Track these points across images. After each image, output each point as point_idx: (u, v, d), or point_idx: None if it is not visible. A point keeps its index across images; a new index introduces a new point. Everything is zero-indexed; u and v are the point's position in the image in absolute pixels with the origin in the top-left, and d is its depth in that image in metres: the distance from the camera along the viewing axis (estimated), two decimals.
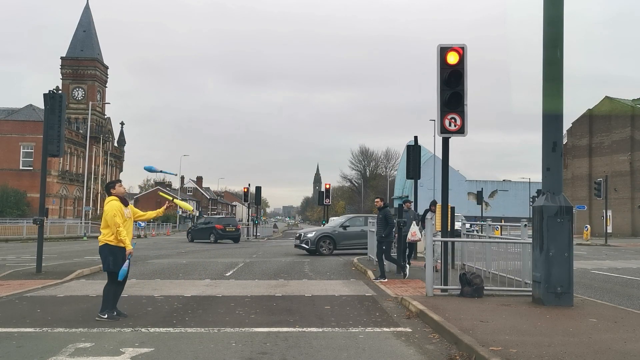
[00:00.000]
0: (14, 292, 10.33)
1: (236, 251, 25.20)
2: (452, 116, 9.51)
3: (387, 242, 13.01)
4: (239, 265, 16.82)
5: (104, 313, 7.66)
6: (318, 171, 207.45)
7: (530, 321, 7.15)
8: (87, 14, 67.93)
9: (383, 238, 12.91)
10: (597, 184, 36.19)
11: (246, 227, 46.88)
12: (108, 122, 70.26)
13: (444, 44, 9.59)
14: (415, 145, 18.61)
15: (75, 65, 64.98)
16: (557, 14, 8.57)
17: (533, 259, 8.70)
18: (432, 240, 9.54)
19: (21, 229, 37.57)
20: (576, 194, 53.62)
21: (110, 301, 7.78)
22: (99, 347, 6.10)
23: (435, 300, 8.89)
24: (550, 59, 8.59)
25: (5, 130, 54.30)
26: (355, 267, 16.13)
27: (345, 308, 8.86)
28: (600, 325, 7.02)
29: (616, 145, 52.18)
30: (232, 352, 5.92)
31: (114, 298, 7.85)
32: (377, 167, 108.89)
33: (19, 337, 6.59)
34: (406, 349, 6.12)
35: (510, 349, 5.53)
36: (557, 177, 8.61)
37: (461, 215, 30.44)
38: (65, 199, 58.64)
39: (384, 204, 13.36)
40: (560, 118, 8.72)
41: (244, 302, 9.36)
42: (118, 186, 8.11)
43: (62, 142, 13.83)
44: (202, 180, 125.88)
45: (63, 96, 14.30)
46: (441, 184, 10.04)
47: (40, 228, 13.64)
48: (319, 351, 5.97)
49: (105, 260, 7.78)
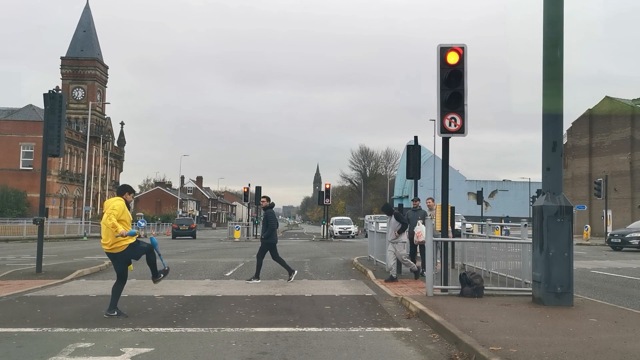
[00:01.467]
0: (14, 292, 10.34)
1: (236, 251, 25.20)
2: (452, 116, 9.52)
3: (266, 244, 12.45)
4: (239, 265, 16.83)
5: (112, 311, 7.80)
6: (318, 171, 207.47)
7: (530, 321, 7.16)
8: (87, 13, 67.90)
9: (263, 240, 12.52)
10: (597, 184, 36.19)
11: (246, 227, 46.87)
12: (108, 122, 70.23)
13: (444, 44, 9.59)
14: (415, 145, 18.59)
15: (75, 65, 64.94)
16: (557, 14, 8.57)
17: (533, 259, 8.70)
18: (433, 239, 9.54)
19: (21, 229, 37.57)
20: (576, 194, 53.60)
21: (116, 299, 7.96)
22: (99, 347, 6.11)
23: (436, 300, 8.89)
24: (550, 59, 8.59)
25: (5, 130, 54.28)
26: (355, 267, 16.14)
27: (345, 308, 8.86)
28: (600, 325, 7.02)
29: (616, 145, 52.15)
30: (232, 352, 5.92)
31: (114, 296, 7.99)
32: (377, 167, 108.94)
33: (19, 337, 6.59)
34: (406, 349, 6.12)
35: (511, 349, 5.53)
36: (557, 177, 8.62)
37: (461, 215, 30.44)
38: (65, 199, 58.61)
39: (269, 204, 12.76)
40: (560, 118, 8.72)
41: (244, 302, 9.37)
42: (128, 195, 8.26)
43: (62, 142, 13.83)
44: (202, 180, 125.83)
45: (63, 96, 14.30)
46: (441, 184, 10.03)
47: (40, 228, 13.64)
48: (319, 351, 5.97)
49: (133, 254, 8.02)
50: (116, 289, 8.03)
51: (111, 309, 7.88)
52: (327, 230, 43.52)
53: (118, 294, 8.03)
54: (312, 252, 24.15)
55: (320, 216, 71.84)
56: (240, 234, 42.85)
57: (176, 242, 36.85)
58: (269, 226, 12.43)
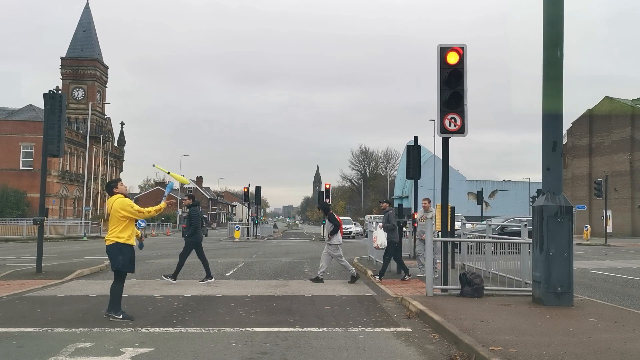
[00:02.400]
0: (14, 292, 10.34)
1: (236, 251, 25.19)
2: (452, 116, 9.52)
3: (189, 243, 12.25)
4: (239, 265, 16.83)
5: (119, 313, 7.68)
6: (318, 171, 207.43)
7: (530, 321, 7.15)
8: (87, 14, 67.94)
9: (186, 238, 12.40)
10: (597, 184, 36.18)
11: (246, 227, 46.88)
12: (108, 122, 70.26)
13: (444, 44, 9.59)
14: (415, 145, 18.62)
15: (75, 65, 64.99)
16: (557, 14, 8.57)
17: (533, 259, 8.70)
18: (432, 239, 9.54)
19: (21, 229, 37.56)
20: (576, 194, 53.63)
21: (119, 300, 7.83)
22: (99, 347, 6.10)
23: (436, 300, 8.89)
24: (550, 59, 8.59)
25: (5, 130, 54.30)
26: (355, 267, 16.13)
27: (345, 308, 8.86)
28: (600, 325, 7.02)
29: (616, 145, 52.18)
30: (232, 352, 5.92)
31: (117, 296, 7.84)
32: (377, 167, 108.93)
33: (19, 337, 6.59)
34: (406, 349, 6.12)
35: (510, 349, 5.53)
36: (557, 177, 8.62)
37: (461, 215, 30.43)
38: (65, 199, 58.63)
39: (192, 202, 12.63)
40: (560, 118, 8.72)
41: (244, 302, 9.37)
42: (120, 185, 8.12)
43: (62, 142, 13.84)
44: (202, 180, 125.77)
45: (63, 96, 14.30)
46: (441, 184, 10.03)
47: (40, 228, 13.64)
48: (319, 351, 5.97)
49: (115, 259, 7.77)
50: (115, 288, 7.94)
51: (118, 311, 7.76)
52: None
53: (120, 294, 7.89)
54: (312, 252, 24.14)
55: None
56: (240, 234, 42.81)
57: (177, 242, 36.81)
58: (192, 224, 12.29)
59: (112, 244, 7.77)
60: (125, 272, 7.90)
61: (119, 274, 7.89)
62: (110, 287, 7.98)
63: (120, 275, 7.89)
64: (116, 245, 7.74)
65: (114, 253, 7.76)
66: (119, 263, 7.75)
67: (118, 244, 7.74)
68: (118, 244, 7.73)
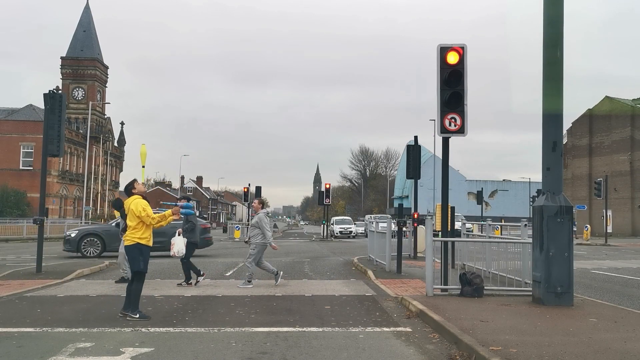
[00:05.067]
0: (14, 292, 10.34)
1: (236, 251, 25.18)
2: (452, 116, 9.52)
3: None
4: (239, 265, 16.83)
5: (136, 312, 7.69)
6: (318, 171, 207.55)
7: (530, 321, 7.16)
8: (87, 13, 67.93)
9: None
10: (597, 184, 36.19)
11: (246, 227, 46.89)
12: (108, 122, 70.24)
13: (444, 44, 9.59)
14: (415, 145, 18.63)
15: (75, 65, 64.98)
16: (557, 14, 8.57)
17: (533, 259, 8.70)
18: (432, 240, 9.54)
19: (21, 229, 37.58)
20: (576, 194, 53.63)
21: (138, 299, 7.85)
22: (99, 347, 6.11)
23: (436, 300, 8.89)
24: (550, 59, 8.59)
25: (5, 130, 54.29)
26: (355, 267, 16.14)
27: (345, 308, 8.86)
28: (600, 325, 7.02)
29: (616, 145, 52.20)
30: (232, 352, 5.92)
31: (136, 296, 7.85)
32: (377, 167, 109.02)
33: (19, 337, 6.59)
34: (406, 349, 6.12)
35: (511, 349, 5.53)
36: (557, 177, 8.62)
37: (461, 215, 30.44)
38: (65, 199, 58.63)
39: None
40: (560, 118, 8.72)
41: (244, 302, 9.37)
42: (137, 184, 8.11)
43: (62, 142, 13.83)
44: (202, 180, 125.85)
45: (63, 96, 14.29)
46: (441, 184, 10.04)
47: (40, 228, 13.64)
48: (319, 351, 5.97)
49: (135, 261, 7.80)
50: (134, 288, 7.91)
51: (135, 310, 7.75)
52: (327, 230, 43.49)
53: (139, 294, 7.92)
54: (312, 252, 24.15)
55: (320, 216, 71.78)
56: (240, 234, 42.80)
57: None
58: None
59: (133, 244, 7.81)
60: (145, 273, 7.96)
61: (139, 275, 7.91)
62: (128, 286, 8.02)
63: (140, 275, 7.91)
64: (137, 246, 7.80)
65: (135, 254, 7.81)
66: (140, 264, 7.80)
67: (139, 245, 7.80)
68: (139, 244, 7.79)
